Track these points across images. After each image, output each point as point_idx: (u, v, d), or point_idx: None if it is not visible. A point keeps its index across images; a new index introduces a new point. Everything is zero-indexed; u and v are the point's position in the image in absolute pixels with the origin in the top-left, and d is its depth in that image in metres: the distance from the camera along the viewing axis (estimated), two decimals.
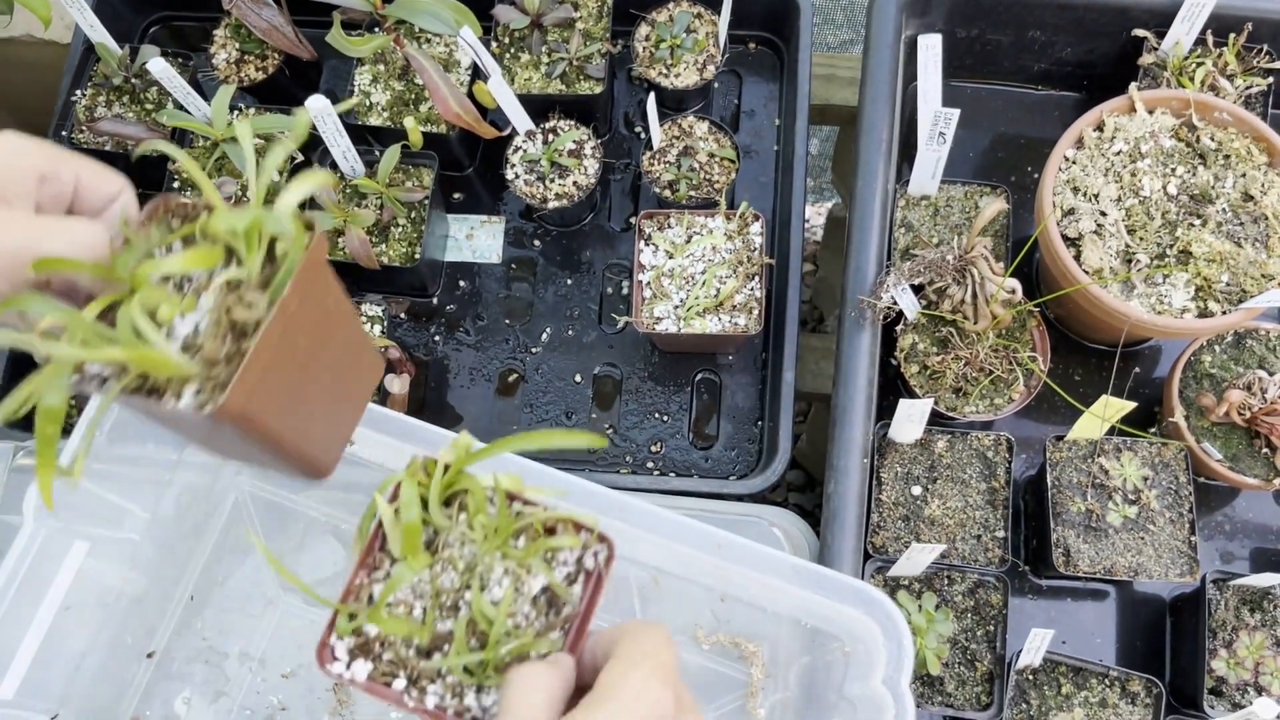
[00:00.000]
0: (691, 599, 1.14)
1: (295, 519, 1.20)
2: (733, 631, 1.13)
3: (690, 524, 1.03)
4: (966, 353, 1.38)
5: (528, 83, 1.59)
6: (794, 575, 1.03)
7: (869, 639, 1.01)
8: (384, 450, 1.15)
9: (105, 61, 1.60)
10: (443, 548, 0.77)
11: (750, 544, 1.03)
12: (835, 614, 1.05)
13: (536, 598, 0.76)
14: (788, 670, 1.11)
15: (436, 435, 1.09)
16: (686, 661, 1.14)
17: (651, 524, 1.06)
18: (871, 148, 1.44)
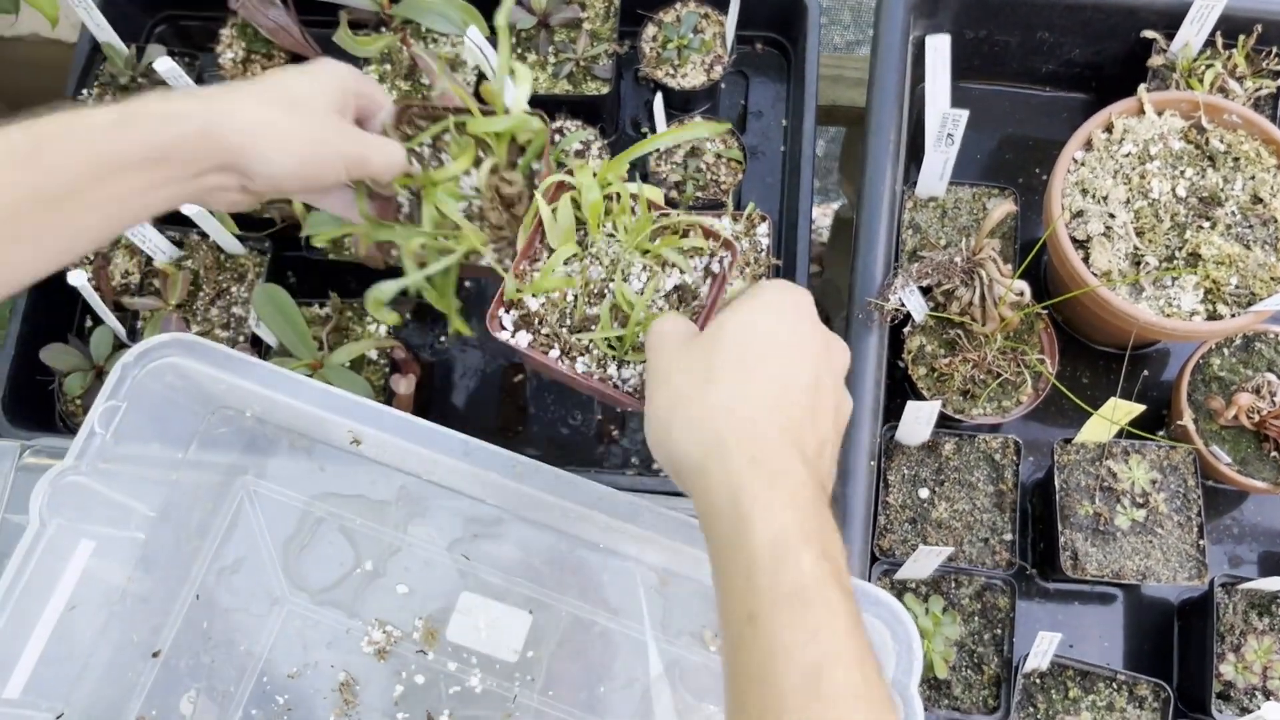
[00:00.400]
0: (700, 601, 1.14)
1: (303, 518, 1.19)
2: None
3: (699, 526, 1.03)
4: (974, 355, 1.38)
5: (534, 83, 1.58)
6: None
7: (877, 641, 1.01)
8: (391, 450, 1.15)
9: (112, 61, 1.60)
10: (591, 245, 0.99)
11: None
12: None
13: (669, 294, 0.98)
14: None
15: (445, 436, 1.09)
16: (694, 662, 1.14)
17: (662, 526, 1.06)
18: (879, 148, 1.43)
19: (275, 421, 1.20)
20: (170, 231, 1.53)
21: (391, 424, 1.10)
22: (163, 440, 1.17)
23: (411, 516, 1.20)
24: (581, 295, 0.98)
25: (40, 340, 1.53)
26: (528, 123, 1.04)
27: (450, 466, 1.12)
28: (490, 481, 1.12)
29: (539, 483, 1.08)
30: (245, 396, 1.17)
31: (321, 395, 1.12)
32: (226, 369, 1.12)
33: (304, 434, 1.20)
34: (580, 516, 1.11)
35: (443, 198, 1.02)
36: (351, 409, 1.11)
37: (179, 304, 1.49)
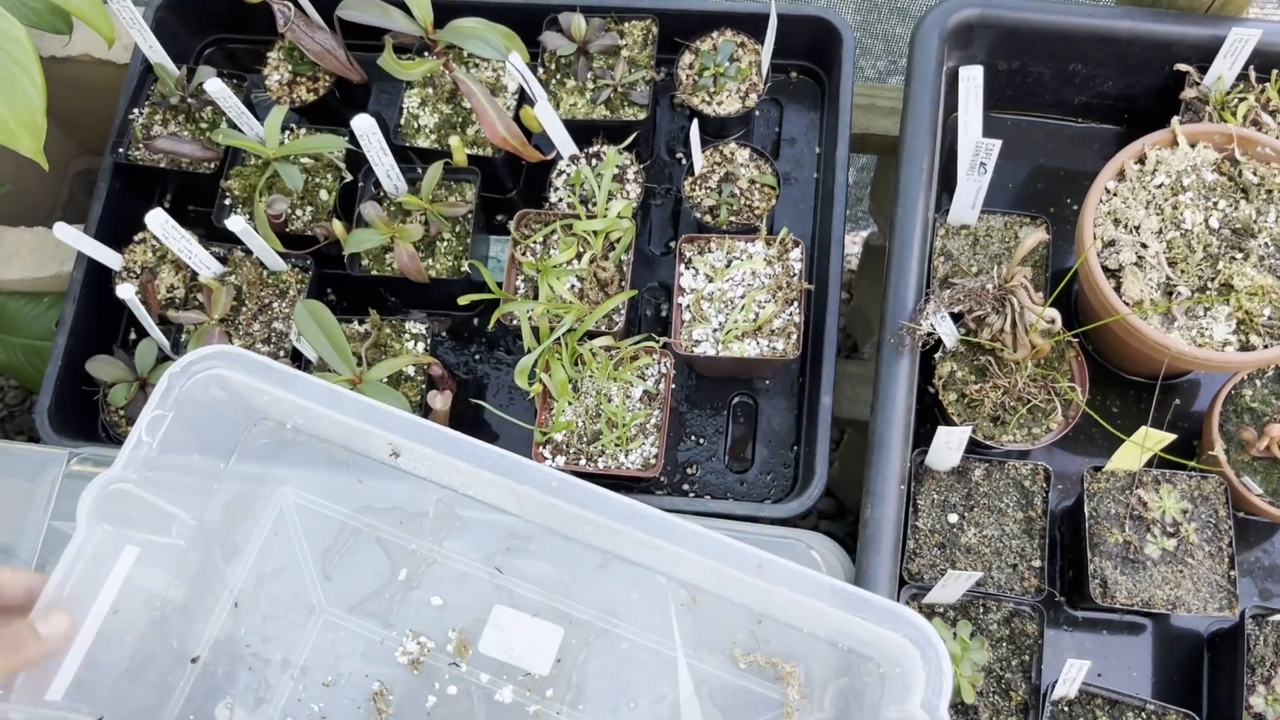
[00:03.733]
0: (729, 618, 1.15)
1: (340, 529, 1.21)
2: (770, 652, 1.14)
3: (732, 544, 1.04)
4: (1005, 381, 1.39)
5: (573, 108, 1.61)
6: (832, 597, 1.03)
7: (906, 662, 1.01)
8: (429, 463, 1.17)
9: (163, 81, 1.65)
10: (581, 385, 1.47)
11: (791, 565, 1.03)
12: (873, 636, 1.05)
13: (641, 397, 1.48)
14: (824, 692, 1.11)
15: (483, 450, 1.10)
16: (723, 680, 1.15)
17: (694, 543, 1.07)
18: (912, 176, 1.45)
19: (315, 433, 1.22)
20: (215, 248, 1.57)
21: (430, 437, 1.12)
22: (206, 450, 1.20)
23: (446, 529, 1.22)
24: (586, 420, 1.46)
25: (85, 352, 1.57)
26: (618, 224, 1.51)
27: (486, 480, 1.13)
28: (525, 496, 1.13)
29: (574, 498, 1.10)
30: (287, 408, 1.19)
31: (362, 408, 1.14)
32: (269, 381, 1.14)
33: (343, 446, 1.22)
34: (612, 532, 1.13)
35: (554, 279, 1.47)
36: (391, 422, 1.13)
37: (222, 318, 1.53)
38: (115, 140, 1.66)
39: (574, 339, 1.46)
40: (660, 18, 1.66)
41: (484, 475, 1.11)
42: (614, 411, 1.44)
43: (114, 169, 1.66)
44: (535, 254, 1.55)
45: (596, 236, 1.51)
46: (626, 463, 1.44)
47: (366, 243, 1.51)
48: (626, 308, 1.50)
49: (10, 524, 1.38)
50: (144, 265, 1.61)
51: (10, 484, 1.31)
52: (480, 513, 1.20)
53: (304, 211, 1.59)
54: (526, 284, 1.54)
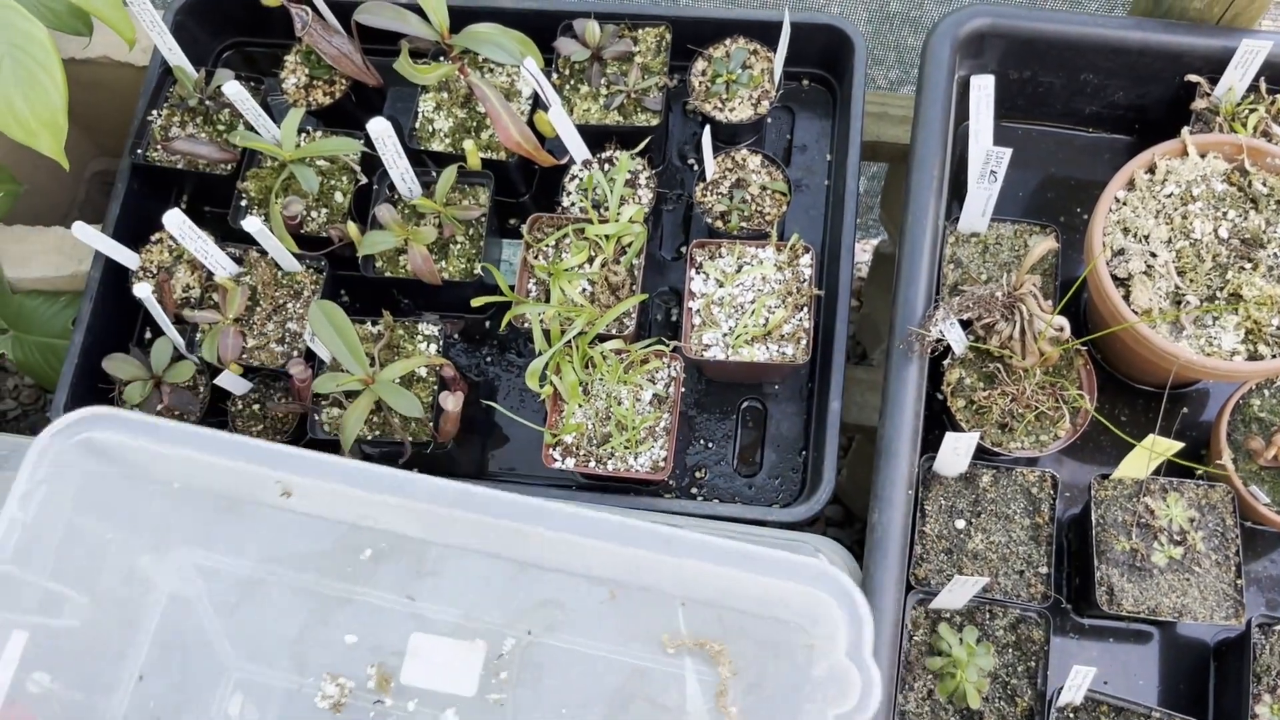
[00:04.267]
0: (653, 607, 1.13)
1: (243, 583, 1.17)
2: (698, 634, 1.12)
3: (638, 524, 1.04)
4: (1013, 388, 1.39)
5: (586, 113, 1.63)
6: (743, 560, 1.04)
7: (827, 617, 1.01)
8: (323, 498, 1.14)
9: (182, 84, 1.67)
10: (591, 388, 1.48)
11: (697, 535, 1.03)
12: (791, 597, 1.05)
13: (651, 401, 1.48)
14: (755, 664, 1.11)
15: (375, 474, 1.08)
16: (654, 669, 1.14)
17: (598, 530, 1.05)
18: (923, 183, 1.46)
19: (204, 486, 1.18)
20: (231, 248, 1.58)
21: (319, 468, 1.09)
22: (90, 520, 1.15)
23: (353, 565, 1.18)
24: (595, 423, 1.47)
25: (101, 350, 1.59)
26: (630, 229, 1.52)
27: (385, 505, 1.11)
28: (425, 514, 1.11)
29: (477, 507, 1.08)
30: (169, 465, 1.15)
31: (245, 448, 1.10)
32: (147, 437, 1.10)
33: (234, 496, 1.18)
34: (520, 537, 1.10)
35: (566, 282, 1.49)
36: (277, 459, 1.10)
37: (237, 318, 1.54)
38: (134, 141, 1.68)
39: (585, 342, 1.47)
40: (674, 25, 1.67)
41: (381, 499, 1.09)
42: (624, 414, 1.46)
43: (132, 169, 1.67)
44: (547, 257, 1.56)
45: (608, 241, 1.52)
46: (635, 465, 1.45)
47: (381, 244, 1.52)
48: (637, 312, 1.51)
49: None
50: (160, 265, 1.63)
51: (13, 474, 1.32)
52: (385, 542, 1.17)
53: (319, 213, 1.61)
54: (538, 287, 1.55)
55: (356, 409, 1.42)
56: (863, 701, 0.99)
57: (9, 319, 1.86)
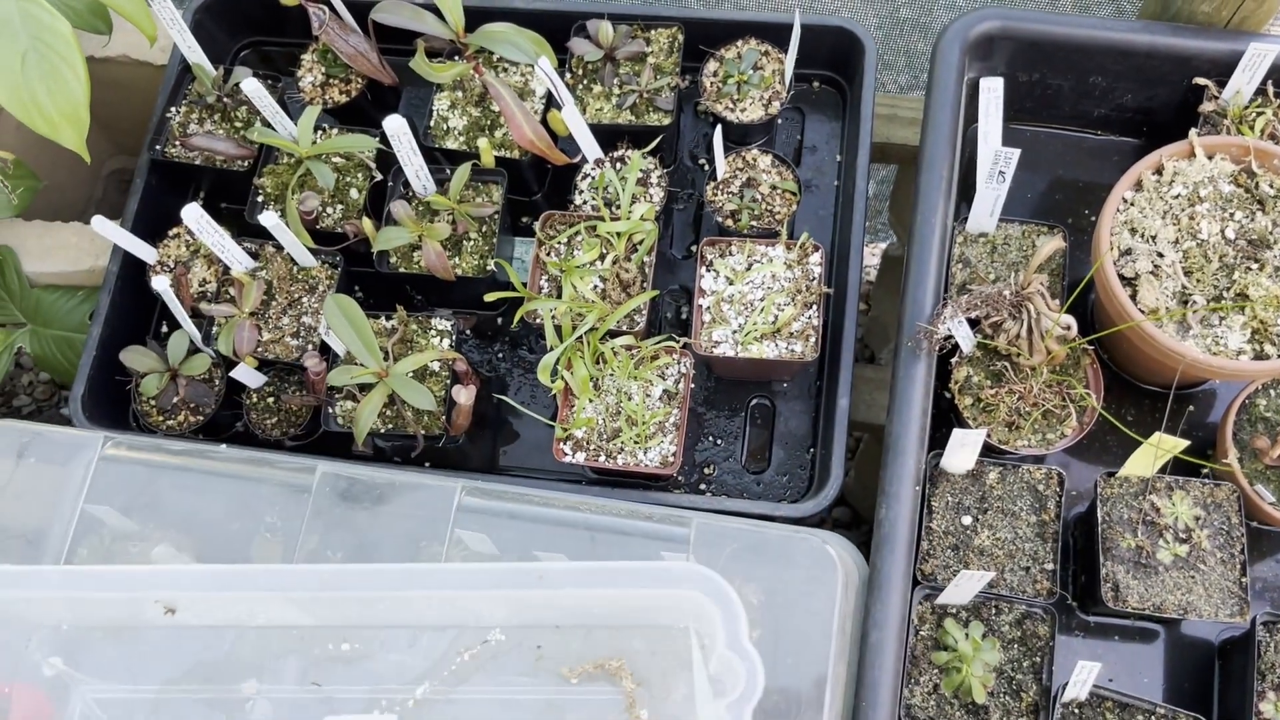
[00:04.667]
0: (546, 642, 1.16)
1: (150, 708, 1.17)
2: (594, 657, 1.16)
3: (506, 568, 1.07)
4: (1021, 387, 1.41)
5: (599, 113, 1.65)
6: (615, 577, 1.07)
7: (705, 614, 1.05)
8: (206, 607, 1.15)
9: (200, 81, 1.69)
10: (602, 384, 1.49)
11: (569, 565, 1.07)
12: (669, 603, 1.09)
13: (661, 397, 1.50)
14: (656, 672, 1.14)
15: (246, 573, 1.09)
16: (563, 701, 1.16)
17: (477, 580, 1.08)
18: (932, 183, 1.47)
19: (90, 624, 1.20)
20: (247, 243, 1.61)
21: (193, 581, 1.10)
22: None
23: (253, 663, 1.20)
24: (606, 418, 1.48)
25: (119, 343, 1.61)
26: (641, 227, 1.54)
27: (267, 601, 1.12)
28: (307, 601, 1.13)
29: (356, 585, 1.09)
30: (50, 608, 1.17)
31: (120, 578, 1.12)
32: (21, 586, 1.12)
33: (120, 624, 1.20)
34: (407, 603, 1.13)
35: (578, 278, 1.51)
36: (151, 580, 1.11)
37: (252, 312, 1.56)
38: (152, 137, 1.70)
39: (596, 338, 1.49)
40: (686, 26, 1.69)
41: (261, 596, 1.10)
42: (634, 409, 1.47)
43: (150, 165, 1.70)
44: (560, 254, 1.58)
45: (620, 238, 1.54)
46: (645, 460, 1.46)
47: (395, 240, 1.54)
48: (648, 309, 1.53)
49: (42, 510, 1.40)
50: (177, 259, 1.65)
51: (43, 469, 1.34)
52: (279, 636, 1.19)
53: (334, 209, 1.63)
54: (550, 284, 1.57)
55: (370, 402, 1.44)
56: (748, 688, 1.04)
57: (27, 313, 1.88)
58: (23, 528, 1.30)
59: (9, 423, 1.32)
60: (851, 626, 1.30)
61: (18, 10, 1.32)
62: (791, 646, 1.24)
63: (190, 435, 1.57)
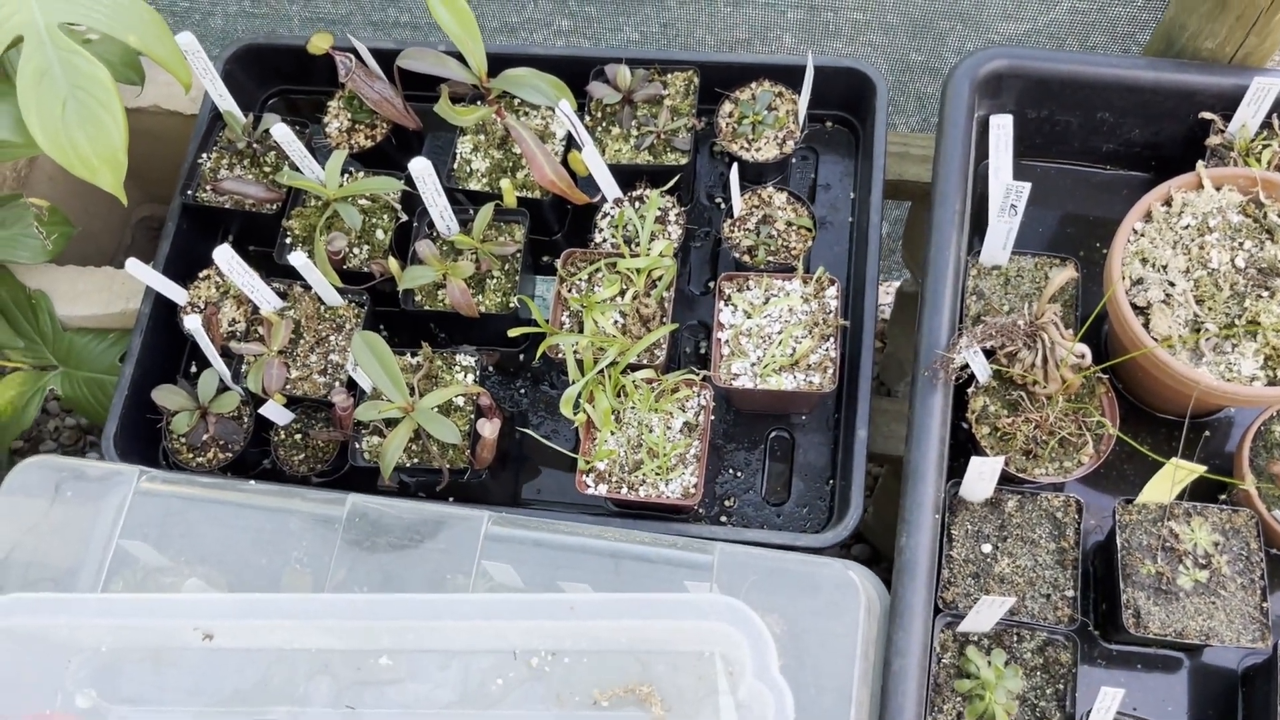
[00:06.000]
0: (574, 669, 1.18)
1: None
2: (624, 682, 1.17)
3: (541, 599, 1.09)
4: (1037, 415, 1.42)
5: (617, 153, 1.69)
6: (645, 609, 1.09)
7: (733, 643, 1.06)
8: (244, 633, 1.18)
9: (231, 128, 1.74)
10: (623, 416, 1.53)
11: (599, 596, 1.09)
12: (699, 632, 1.10)
13: (681, 429, 1.53)
14: (685, 698, 1.16)
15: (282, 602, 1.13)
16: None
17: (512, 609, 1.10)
18: (945, 217, 1.51)
19: (128, 646, 1.23)
20: (275, 283, 1.65)
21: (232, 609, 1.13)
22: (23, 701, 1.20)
23: (287, 688, 1.22)
24: (627, 450, 1.51)
25: (150, 381, 1.65)
26: (661, 262, 1.57)
27: (304, 628, 1.15)
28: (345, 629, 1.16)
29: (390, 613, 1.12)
30: (94, 633, 1.20)
31: (163, 606, 1.15)
32: (66, 613, 1.16)
33: (160, 647, 1.23)
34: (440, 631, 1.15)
35: (599, 314, 1.55)
36: (194, 608, 1.14)
37: (281, 350, 1.60)
38: (184, 183, 1.75)
39: (617, 371, 1.51)
40: (701, 69, 1.73)
41: (298, 625, 1.13)
42: (655, 441, 1.49)
43: (182, 209, 1.75)
44: (580, 291, 1.61)
45: (639, 274, 1.57)
46: (667, 491, 1.48)
47: (421, 279, 1.58)
48: (668, 343, 1.56)
49: (78, 544, 1.43)
50: (207, 300, 1.69)
51: (79, 504, 1.37)
52: (314, 661, 1.21)
53: (361, 249, 1.67)
54: (572, 319, 1.60)
55: (396, 436, 1.47)
56: (777, 717, 1.05)
57: (60, 356, 1.93)
58: (60, 561, 1.33)
59: (46, 458, 1.35)
60: (874, 654, 1.31)
61: (58, 59, 1.37)
62: (815, 674, 1.26)
63: (219, 472, 1.60)
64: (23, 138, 1.41)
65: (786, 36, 2.25)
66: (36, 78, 1.35)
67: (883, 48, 2.44)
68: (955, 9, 2.08)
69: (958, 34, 2.13)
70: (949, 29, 2.12)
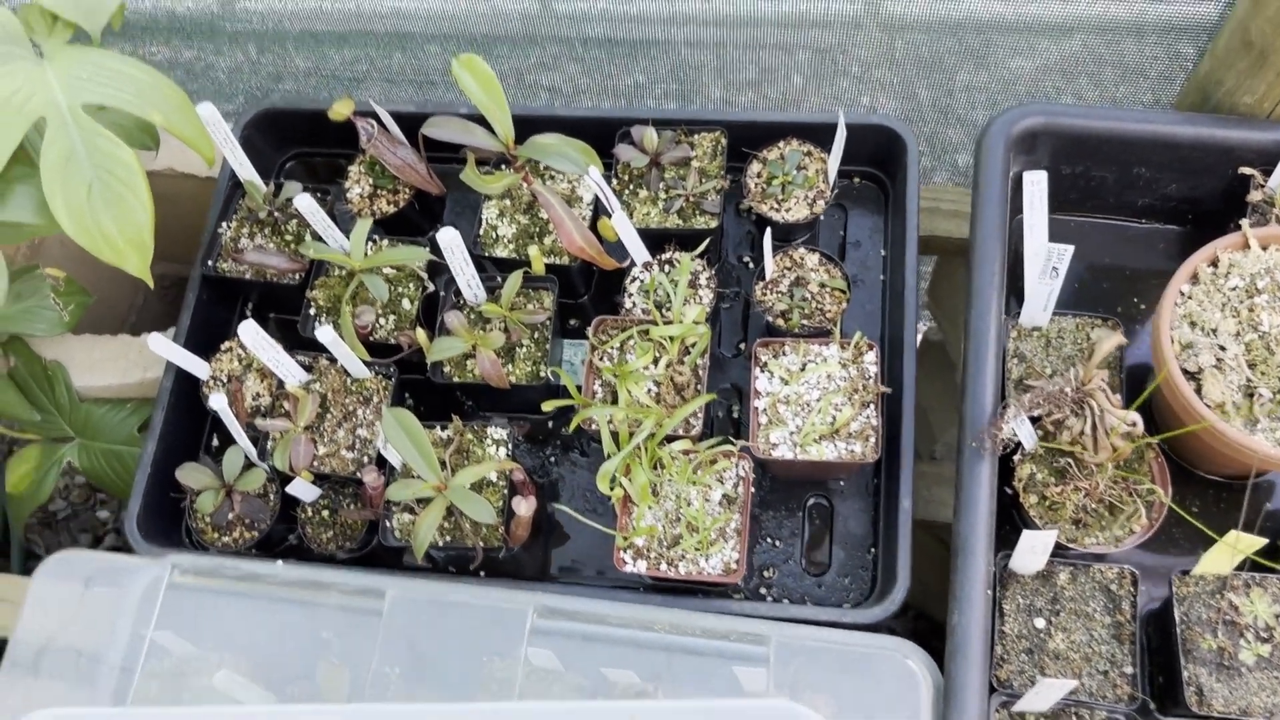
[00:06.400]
0: None
1: None
2: None
3: (597, 709, 1.06)
4: (1086, 484, 1.39)
5: (646, 217, 1.66)
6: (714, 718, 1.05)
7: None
8: None
9: (251, 196, 1.71)
10: (660, 489, 1.49)
11: (660, 705, 1.05)
12: None
13: (720, 500, 1.49)
14: None
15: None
16: None
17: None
18: (984, 279, 1.48)
19: None
20: (300, 356, 1.61)
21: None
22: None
23: None
24: (665, 524, 1.48)
25: (173, 457, 1.61)
26: (694, 330, 1.53)
27: None
28: None
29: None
30: None
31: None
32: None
33: None
34: None
35: (633, 383, 1.51)
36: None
37: (307, 426, 1.56)
38: (205, 252, 1.72)
39: (654, 443, 1.48)
40: (728, 129, 1.71)
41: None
42: (694, 516, 1.46)
43: (202, 280, 1.72)
44: (613, 359, 1.58)
45: (673, 342, 1.54)
46: (707, 568, 1.44)
47: (450, 351, 1.55)
48: (703, 411, 1.53)
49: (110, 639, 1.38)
50: (230, 374, 1.65)
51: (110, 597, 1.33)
52: None
53: (387, 319, 1.64)
54: (604, 388, 1.57)
55: (429, 515, 1.43)
56: None
57: (76, 427, 1.89)
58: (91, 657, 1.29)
59: (77, 553, 1.31)
60: None
61: (82, 141, 1.34)
62: None
63: (245, 551, 1.56)
64: (44, 219, 1.38)
65: (795, 77, 2.23)
66: (61, 161, 1.32)
67: (891, 87, 2.42)
68: (964, 46, 2.06)
69: (967, 71, 2.11)
70: (958, 65, 2.09)
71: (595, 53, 2.14)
